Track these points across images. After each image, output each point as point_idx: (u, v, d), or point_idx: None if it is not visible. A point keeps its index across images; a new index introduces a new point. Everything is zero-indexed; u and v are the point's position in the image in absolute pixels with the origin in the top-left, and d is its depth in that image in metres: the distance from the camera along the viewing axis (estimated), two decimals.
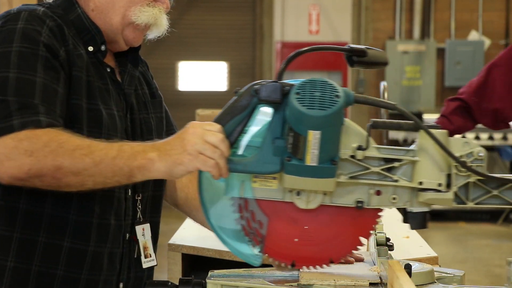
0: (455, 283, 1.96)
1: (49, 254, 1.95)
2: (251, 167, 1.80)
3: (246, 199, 1.85)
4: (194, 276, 1.90)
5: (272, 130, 1.79)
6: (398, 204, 1.83)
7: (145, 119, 2.14)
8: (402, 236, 2.80)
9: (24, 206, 1.94)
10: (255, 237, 1.86)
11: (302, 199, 1.82)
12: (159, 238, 2.23)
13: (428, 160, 1.80)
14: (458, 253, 8.39)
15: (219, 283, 1.84)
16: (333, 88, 1.73)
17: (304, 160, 1.75)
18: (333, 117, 1.72)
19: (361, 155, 1.79)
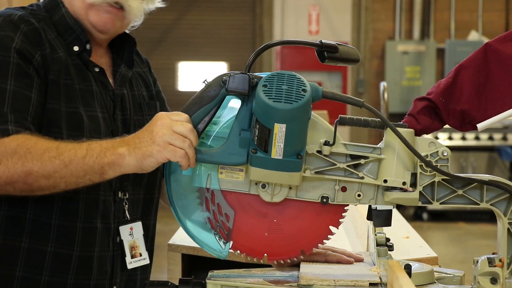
0: (455, 284, 1.96)
1: (32, 259, 1.94)
2: (217, 158, 1.81)
3: (212, 191, 1.86)
4: (194, 277, 1.90)
5: (239, 122, 1.80)
6: (363, 201, 1.85)
7: (139, 121, 2.13)
8: (402, 237, 2.80)
9: (5, 212, 1.94)
10: (222, 231, 1.88)
11: (268, 192, 1.84)
12: (159, 238, 2.23)
13: (393, 159, 1.82)
14: (458, 253, 8.39)
15: (219, 283, 1.84)
16: (300, 82, 1.74)
17: (269, 153, 1.76)
18: (299, 111, 1.73)
19: (327, 150, 1.81)
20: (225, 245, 1.88)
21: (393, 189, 1.83)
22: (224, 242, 1.88)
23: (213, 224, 1.88)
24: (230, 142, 1.80)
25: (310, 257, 2.06)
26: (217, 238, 1.88)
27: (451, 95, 1.88)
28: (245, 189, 1.85)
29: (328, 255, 2.05)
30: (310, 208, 1.87)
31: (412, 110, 1.90)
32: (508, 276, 1.82)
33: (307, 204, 1.86)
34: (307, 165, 1.82)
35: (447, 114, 1.89)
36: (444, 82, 1.91)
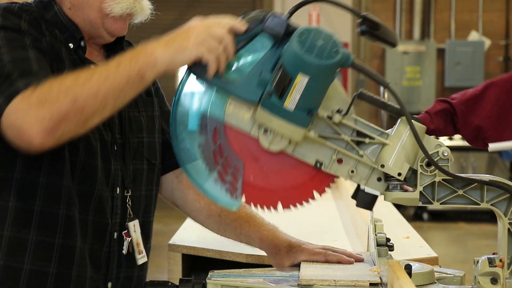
0: (455, 284, 1.96)
1: (14, 247, 1.93)
2: (232, 88, 1.80)
3: (219, 145, 1.85)
4: (194, 277, 1.90)
5: (263, 62, 1.79)
6: (355, 179, 1.85)
7: (135, 117, 2.13)
8: (402, 237, 2.80)
9: (13, 203, 1.93)
10: (232, 184, 1.87)
11: (267, 138, 1.83)
12: (159, 238, 2.23)
13: (397, 147, 1.82)
14: (458, 254, 8.40)
15: (219, 283, 1.84)
16: (335, 43, 1.74)
17: (283, 101, 1.76)
18: (326, 70, 1.73)
19: (338, 119, 1.81)
20: (236, 197, 1.87)
21: (394, 188, 1.83)
22: (235, 195, 1.87)
23: (223, 177, 1.87)
24: (249, 78, 1.80)
25: (310, 257, 2.06)
26: (225, 189, 1.87)
27: (473, 107, 1.88)
28: (247, 128, 1.83)
29: (329, 255, 2.05)
30: (301, 168, 1.86)
31: (430, 109, 1.90)
32: (508, 276, 1.82)
33: (299, 163, 1.86)
34: (313, 126, 1.82)
35: (463, 124, 1.89)
36: (470, 92, 1.91)
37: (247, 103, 1.81)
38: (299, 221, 3.32)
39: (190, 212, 2.27)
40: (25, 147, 1.79)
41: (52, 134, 1.76)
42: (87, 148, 1.98)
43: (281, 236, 2.15)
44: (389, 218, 3.26)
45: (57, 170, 1.94)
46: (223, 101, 1.83)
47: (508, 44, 11.47)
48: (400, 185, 1.84)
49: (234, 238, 2.24)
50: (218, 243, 2.54)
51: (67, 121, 1.77)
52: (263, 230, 2.17)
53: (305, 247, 2.09)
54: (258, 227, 2.18)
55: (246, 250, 2.38)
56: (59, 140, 1.79)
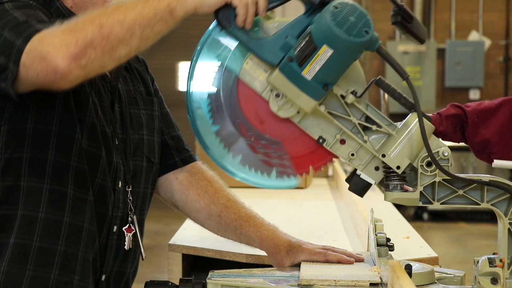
0: (455, 284, 1.96)
1: (26, 225, 1.90)
2: (254, 46, 1.80)
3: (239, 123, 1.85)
4: (194, 277, 1.90)
5: (292, 27, 1.80)
6: (353, 162, 1.85)
7: (136, 113, 2.12)
8: (402, 237, 2.80)
9: (24, 183, 1.91)
10: (281, 164, 1.88)
11: (278, 103, 1.83)
12: (159, 238, 2.24)
13: (402, 141, 1.83)
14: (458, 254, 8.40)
15: (219, 283, 1.84)
16: (367, 23, 1.75)
17: (302, 69, 1.77)
18: (352, 47, 1.74)
19: (351, 99, 1.82)
20: (291, 174, 1.88)
21: (394, 188, 1.84)
22: (290, 173, 1.88)
23: (268, 161, 1.88)
24: (273, 40, 1.80)
25: (311, 257, 2.06)
26: (278, 171, 1.88)
27: (486, 120, 1.88)
28: (259, 89, 1.84)
29: (329, 255, 2.05)
30: (303, 140, 1.87)
31: (443, 111, 1.91)
32: (508, 276, 1.82)
33: (302, 135, 1.86)
34: (324, 101, 1.82)
35: (472, 134, 1.89)
36: (486, 104, 1.91)
37: (266, 63, 1.81)
38: (299, 221, 3.32)
39: (190, 213, 2.27)
40: (51, 79, 1.74)
41: (77, 60, 1.73)
42: (91, 135, 1.96)
43: (281, 236, 2.15)
44: (389, 218, 3.26)
45: (65, 150, 1.92)
46: (242, 57, 1.83)
47: (508, 44, 11.47)
48: (401, 185, 1.84)
49: (234, 239, 2.23)
50: (218, 243, 2.54)
51: (93, 47, 1.73)
52: (263, 230, 2.17)
53: (305, 247, 2.09)
54: (258, 227, 2.18)
55: (246, 250, 2.38)
56: (85, 70, 1.75)
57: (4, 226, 1.89)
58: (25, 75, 1.76)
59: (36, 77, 1.76)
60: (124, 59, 1.80)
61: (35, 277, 1.88)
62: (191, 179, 2.24)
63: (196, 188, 2.24)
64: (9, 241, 1.89)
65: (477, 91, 11.46)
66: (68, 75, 1.74)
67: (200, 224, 2.27)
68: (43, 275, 1.89)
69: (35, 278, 1.88)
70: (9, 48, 1.77)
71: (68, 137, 1.92)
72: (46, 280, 1.89)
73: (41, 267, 1.89)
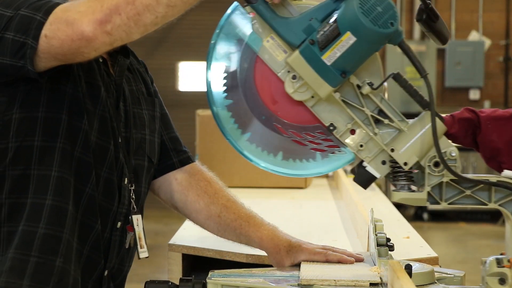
0: (456, 284, 1.96)
1: (34, 212, 1.89)
2: (277, 24, 1.80)
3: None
4: (194, 277, 1.89)
5: (317, 10, 1.80)
6: (361, 154, 1.85)
7: (139, 113, 2.12)
8: (402, 237, 2.80)
9: (35, 171, 1.89)
10: (318, 148, 1.88)
11: (293, 85, 1.82)
12: (159, 238, 2.24)
13: (412, 138, 1.82)
14: (458, 254, 8.40)
15: (220, 283, 1.84)
16: (393, 15, 1.75)
17: (322, 53, 1.77)
18: (375, 37, 1.74)
19: (366, 90, 1.82)
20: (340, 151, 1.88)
21: (401, 188, 1.83)
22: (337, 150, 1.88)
23: (318, 149, 1.88)
24: (297, 21, 1.80)
25: (311, 257, 2.06)
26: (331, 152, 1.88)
27: (499, 128, 1.88)
28: (277, 69, 1.83)
29: (329, 255, 2.05)
30: (313, 125, 1.87)
31: (457, 113, 1.90)
32: None
33: (313, 118, 1.86)
34: (340, 89, 1.82)
35: (483, 141, 1.89)
36: (501, 112, 1.91)
37: (287, 44, 1.81)
38: (299, 221, 3.32)
39: (189, 214, 2.27)
40: (77, 45, 1.74)
41: (103, 26, 1.73)
42: (101, 127, 1.96)
43: (281, 236, 2.15)
44: (389, 218, 3.26)
45: (72, 139, 1.91)
46: (263, 34, 1.83)
47: (508, 44, 11.47)
48: (408, 185, 1.84)
49: (234, 239, 2.23)
50: (218, 243, 2.54)
51: (118, 12, 1.73)
52: (263, 230, 2.17)
53: (305, 247, 2.09)
54: (258, 227, 2.18)
55: (246, 250, 2.38)
56: (111, 37, 1.75)
57: (14, 215, 1.88)
58: (47, 47, 1.77)
59: (61, 45, 1.76)
60: (150, 27, 1.78)
61: (40, 264, 1.87)
62: (191, 180, 2.24)
63: (195, 188, 2.24)
64: (18, 229, 1.88)
65: (477, 91, 11.46)
66: (94, 41, 1.74)
67: (200, 225, 2.27)
68: (48, 262, 1.88)
69: (40, 265, 1.87)
70: (27, 24, 1.78)
71: (76, 127, 1.91)
72: (50, 267, 1.88)
73: (45, 254, 1.88)
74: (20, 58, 1.79)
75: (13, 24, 1.80)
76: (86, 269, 1.96)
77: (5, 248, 1.87)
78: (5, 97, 1.87)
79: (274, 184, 4.30)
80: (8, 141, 1.88)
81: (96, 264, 1.99)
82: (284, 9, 1.82)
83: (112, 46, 1.78)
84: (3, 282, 1.84)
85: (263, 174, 4.26)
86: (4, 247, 1.87)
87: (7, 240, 1.87)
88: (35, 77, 1.82)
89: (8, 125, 1.87)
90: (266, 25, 1.82)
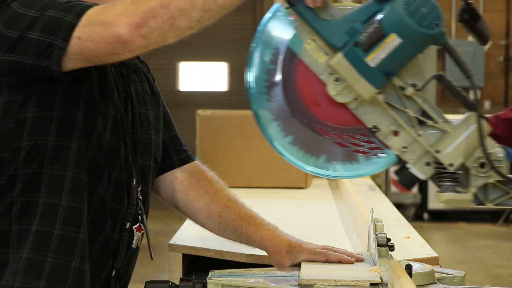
0: (456, 284, 1.96)
1: (48, 212, 1.89)
2: (320, 27, 1.80)
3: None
4: (194, 277, 1.90)
5: (360, 12, 1.79)
6: (405, 156, 1.84)
7: (144, 114, 2.12)
8: (402, 237, 2.80)
9: (48, 171, 1.89)
10: (370, 147, 1.88)
11: (336, 88, 1.82)
12: (160, 238, 2.24)
13: (457, 139, 1.82)
14: (459, 254, 8.40)
15: (220, 283, 1.84)
16: (438, 16, 1.75)
17: (366, 55, 1.77)
18: (421, 38, 1.75)
19: (410, 92, 1.81)
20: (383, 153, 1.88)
21: (446, 189, 1.82)
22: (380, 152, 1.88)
23: (360, 151, 1.88)
24: (339, 23, 1.80)
25: (311, 256, 2.06)
26: (374, 154, 1.88)
27: None
28: (319, 71, 1.83)
29: (329, 255, 2.05)
30: (355, 127, 1.87)
31: (501, 113, 1.90)
32: None
33: (355, 120, 1.86)
34: (383, 91, 1.82)
35: None
36: None
37: (329, 46, 1.81)
38: (299, 221, 3.32)
39: (190, 213, 2.27)
40: (113, 47, 1.76)
41: (138, 29, 1.74)
42: (114, 128, 1.97)
43: (281, 236, 2.15)
44: (390, 218, 3.26)
45: (86, 140, 1.91)
46: (304, 37, 1.83)
47: (508, 44, 11.47)
48: (453, 186, 1.83)
49: (234, 239, 2.23)
50: (219, 243, 2.54)
51: (153, 16, 1.74)
52: (263, 230, 2.17)
53: (306, 247, 2.09)
54: (258, 227, 2.18)
55: (246, 250, 2.38)
56: (146, 40, 1.76)
57: (26, 214, 1.88)
58: (80, 49, 1.78)
59: (95, 47, 1.77)
60: (185, 31, 1.79)
61: (56, 265, 1.87)
62: (191, 179, 2.24)
63: (196, 188, 2.24)
64: (32, 228, 1.87)
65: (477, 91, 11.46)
66: (130, 44, 1.76)
67: (201, 224, 2.27)
68: (64, 263, 1.88)
69: (56, 266, 1.87)
70: (56, 25, 1.78)
71: (90, 128, 1.92)
72: (67, 268, 1.88)
73: (62, 255, 1.88)
74: (44, 58, 1.80)
75: (38, 24, 1.80)
76: (95, 269, 1.97)
77: (16, 247, 1.87)
78: (20, 95, 1.87)
79: (274, 184, 4.30)
80: (22, 139, 1.87)
81: (105, 264, 1.99)
82: (325, 12, 1.81)
83: (148, 48, 1.80)
84: (19, 282, 1.84)
85: (263, 174, 4.28)
86: (15, 245, 1.87)
87: (19, 238, 1.87)
88: (60, 77, 1.83)
89: (22, 124, 1.87)
90: (308, 28, 1.82)
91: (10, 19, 1.82)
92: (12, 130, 1.87)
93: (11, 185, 1.88)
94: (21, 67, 1.82)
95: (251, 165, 4.29)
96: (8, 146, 1.87)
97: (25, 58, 1.81)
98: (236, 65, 11.50)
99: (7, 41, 1.82)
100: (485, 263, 7.83)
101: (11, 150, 1.87)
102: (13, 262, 1.86)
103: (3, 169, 1.88)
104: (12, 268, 1.85)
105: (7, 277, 1.84)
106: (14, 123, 1.87)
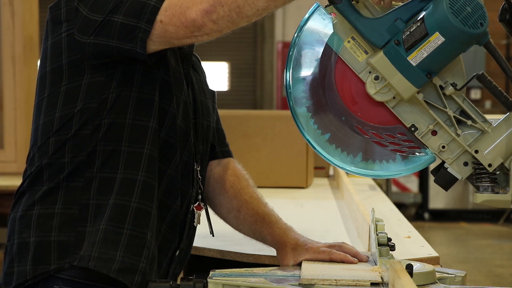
0: (457, 284, 1.96)
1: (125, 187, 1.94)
2: (361, 25, 1.79)
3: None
4: (195, 276, 1.90)
5: (402, 10, 1.79)
6: (443, 155, 1.84)
7: (204, 101, 2.19)
8: (403, 236, 2.80)
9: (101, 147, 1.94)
10: (400, 149, 1.87)
11: (375, 86, 1.82)
12: None
13: (496, 139, 1.81)
14: (459, 253, 8.40)
15: (221, 282, 1.84)
16: (483, 15, 1.73)
17: (408, 54, 1.76)
18: (464, 38, 1.73)
19: (449, 91, 1.81)
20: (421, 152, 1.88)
21: (484, 190, 1.81)
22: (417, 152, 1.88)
23: (399, 150, 1.87)
24: (381, 21, 1.79)
25: (315, 255, 2.06)
26: (411, 153, 1.88)
27: None
28: (358, 69, 1.83)
29: (333, 253, 2.05)
30: (393, 126, 1.86)
31: None
32: None
33: (393, 119, 1.85)
34: (423, 90, 1.81)
35: None
36: None
37: (369, 44, 1.81)
38: (300, 220, 3.32)
39: (214, 206, 2.32)
40: (190, 31, 1.83)
41: (209, 15, 1.80)
42: (184, 111, 2.02)
43: (290, 235, 2.17)
44: (390, 217, 3.26)
45: (160, 121, 1.96)
46: (344, 35, 1.83)
47: (509, 43, 11.46)
48: (492, 187, 1.82)
49: (250, 235, 2.26)
50: (220, 243, 2.54)
51: (221, 4, 1.79)
52: (275, 228, 2.19)
53: (310, 246, 2.09)
54: (272, 225, 2.20)
55: (247, 250, 2.39)
56: (218, 25, 1.82)
57: (105, 188, 1.92)
58: (162, 32, 1.84)
59: (176, 31, 1.84)
60: (253, 18, 1.84)
61: (133, 237, 1.91)
62: (223, 173, 2.29)
63: (224, 182, 2.29)
64: (109, 202, 1.91)
65: (478, 91, 11.45)
66: (203, 27, 1.82)
67: (222, 218, 2.32)
68: (140, 235, 1.92)
69: (133, 238, 1.91)
70: (140, 8, 1.84)
71: (164, 110, 1.98)
72: (143, 240, 1.92)
73: (138, 227, 1.92)
74: (129, 41, 1.85)
75: (122, 8, 1.86)
76: (163, 247, 2.01)
77: (93, 220, 1.91)
78: (103, 77, 1.92)
79: (275, 183, 4.30)
80: (102, 117, 1.93)
81: (171, 243, 2.04)
82: (366, 10, 1.82)
83: (222, 33, 1.87)
84: (97, 253, 1.87)
85: (264, 173, 4.28)
86: (92, 219, 1.91)
87: (96, 212, 1.91)
88: (144, 59, 1.88)
89: (104, 103, 1.92)
90: (348, 26, 1.81)
91: (94, 4, 1.88)
92: (95, 109, 1.92)
93: (90, 161, 1.93)
94: (106, 50, 1.88)
95: (252, 165, 4.28)
96: (90, 124, 1.93)
97: (109, 41, 1.87)
98: (237, 64, 11.50)
99: (91, 25, 1.87)
100: (486, 263, 7.83)
101: (92, 127, 1.93)
102: (91, 234, 1.89)
103: (83, 146, 1.93)
104: (90, 239, 1.88)
105: (86, 248, 1.87)
106: (97, 102, 1.92)
